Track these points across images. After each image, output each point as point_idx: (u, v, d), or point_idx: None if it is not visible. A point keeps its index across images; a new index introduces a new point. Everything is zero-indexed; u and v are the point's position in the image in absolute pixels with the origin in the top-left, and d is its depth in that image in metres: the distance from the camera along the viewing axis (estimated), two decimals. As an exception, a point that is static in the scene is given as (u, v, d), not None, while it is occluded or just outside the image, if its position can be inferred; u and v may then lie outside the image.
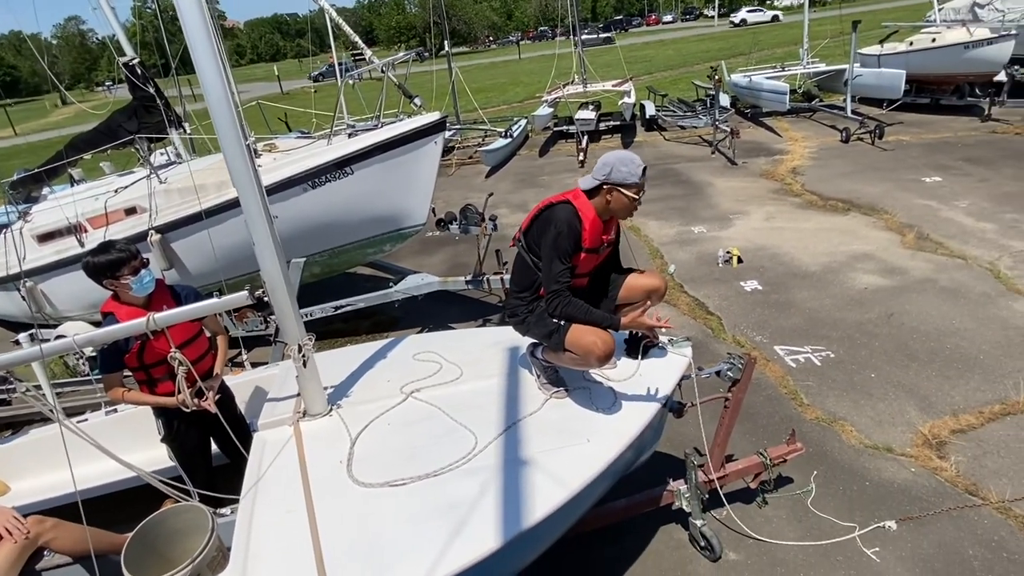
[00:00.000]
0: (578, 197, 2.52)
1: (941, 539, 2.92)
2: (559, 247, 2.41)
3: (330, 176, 4.51)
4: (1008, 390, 3.86)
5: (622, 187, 2.48)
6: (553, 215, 2.47)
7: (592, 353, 2.30)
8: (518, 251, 2.63)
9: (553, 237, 2.40)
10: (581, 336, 2.34)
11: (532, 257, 2.54)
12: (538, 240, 2.49)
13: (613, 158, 2.52)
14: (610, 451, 2.15)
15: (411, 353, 2.95)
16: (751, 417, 3.89)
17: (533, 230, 2.54)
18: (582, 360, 2.37)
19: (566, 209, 2.48)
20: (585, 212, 2.50)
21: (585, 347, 2.32)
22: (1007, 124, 9.98)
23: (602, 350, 2.29)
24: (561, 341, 2.38)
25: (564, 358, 2.45)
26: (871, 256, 6.00)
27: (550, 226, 2.43)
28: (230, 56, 6.07)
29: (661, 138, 12.70)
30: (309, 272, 5.38)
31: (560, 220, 2.43)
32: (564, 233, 2.41)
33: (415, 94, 4.59)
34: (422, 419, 2.40)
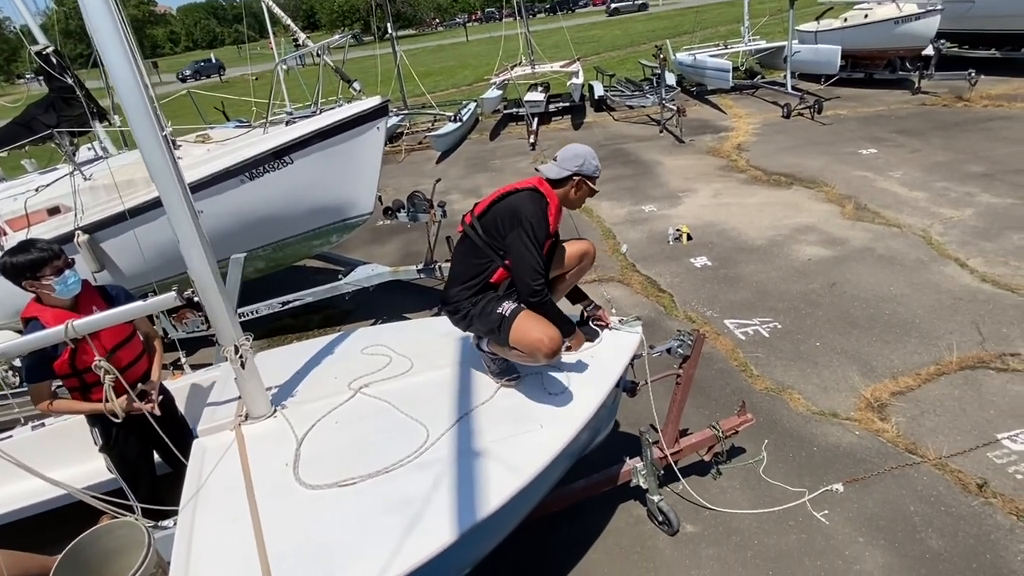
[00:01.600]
0: (542, 184, 2.51)
1: (885, 498, 3.05)
2: (538, 237, 2.38)
3: (268, 166, 4.32)
4: (942, 351, 4.04)
5: (590, 179, 2.56)
6: (523, 204, 2.41)
7: (539, 350, 2.25)
8: (465, 236, 2.55)
9: (531, 227, 2.35)
10: (527, 332, 2.28)
11: (488, 243, 2.44)
12: (504, 228, 2.41)
13: (583, 150, 2.57)
14: (563, 435, 2.14)
15: (360, 347, 2.86)
16: (703, 391, 3.96)
17: (494, 217, 2.45)
18: (528, 357, 2.33)
19: (536, 198, 2.45)
20: (552, 200, 2.51)
21: (531, 344, 2.26)
22: (935, 96, 10.41)
23: (548, 347, 2.25)
24: (506, 338, 2.32)
25: (510, 354, 2.40)
26: (813, 228, 6.18)
27: (522, 215, 2.36)
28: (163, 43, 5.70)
29: (610, 118, 12.74)
30: (253, 267, 5.18)
31: (534, 210, 2.39)
32: (541, 223, 2.39)
33: (354, 78, 4.43)
34: (371, 415, 2.34)
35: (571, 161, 2.52)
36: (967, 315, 4.39)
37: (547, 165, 2.59)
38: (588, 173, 2.52)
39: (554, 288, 2.78)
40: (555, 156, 2.62)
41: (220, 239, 4.65)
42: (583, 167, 2.51)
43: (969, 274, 4.93)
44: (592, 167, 2.53)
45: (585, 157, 2.52)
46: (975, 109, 9.48)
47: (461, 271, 2.52)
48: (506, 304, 2.38)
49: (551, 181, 2.53)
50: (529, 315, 2.34)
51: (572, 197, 2.57)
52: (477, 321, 2.43)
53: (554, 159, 2.60)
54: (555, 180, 2.53)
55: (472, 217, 2.54)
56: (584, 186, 2.55)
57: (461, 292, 2.48)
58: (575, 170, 2.50)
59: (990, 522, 2.84)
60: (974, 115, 9.21)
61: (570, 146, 2.59)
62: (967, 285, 4.78)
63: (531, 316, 2.34)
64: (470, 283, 2.48)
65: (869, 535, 2.86)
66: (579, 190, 2.56)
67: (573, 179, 2.52)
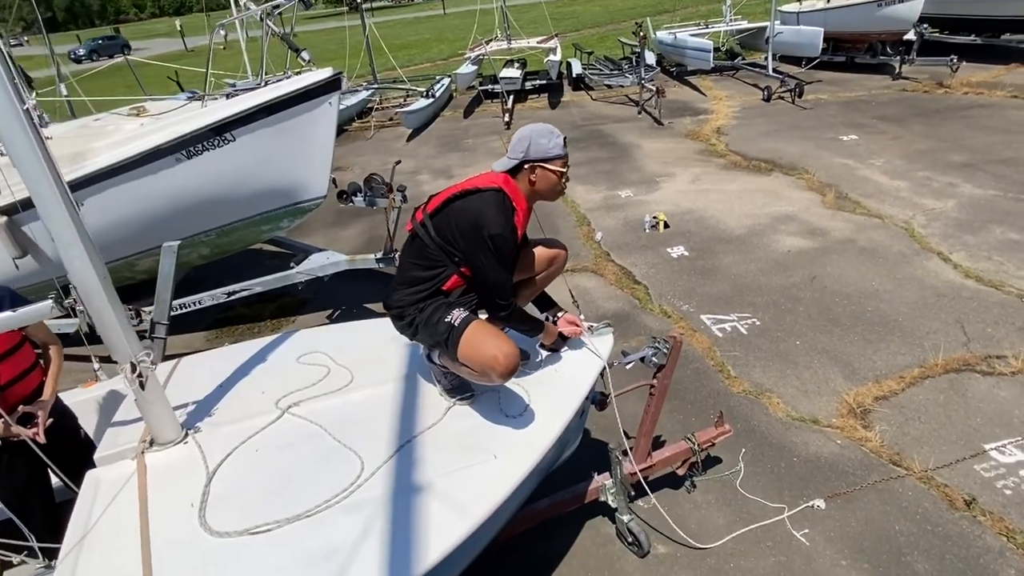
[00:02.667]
0: (508, 183, 2.17)
1: (868, 515, 2.84)
2: (506, 255, 2.08)
3: (207, 144, 3.89)
4: (926, 352, 3.85)
5: (544, 163, 2.17)
6: (487, 212, 2.05)
7: (492, 369, 1.94)
8: (414, 236, 2.19)
9: (498, 245, 2.03)
10: (479, 348, 1.96)
11: (441, 246, 2.10)
12: (463, 237, 2.07)
13: (528, 131, 2.18)
14: (519, 469, 1.85)
15: (296, 355, 2.53)
16: (678, 393, 3.72)
17: (450, 218, 2.10)
18: (480, 376, 2.02)
19: (501, 203, 2.10)
20: (518, 201, 2.17)
21: (483, 362, 1.95)
22: (916, 82, 10.26)
23: (503, 366, 1.92)
24: (454, 353, 2.01)
25: (461, 370, 2.09)
26: (793, 217, 5.97)
27: (486, 230, 2.02)
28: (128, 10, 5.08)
29: (588, 97, 12.38)
30: (197, 254, 4.78)
31: (500, 221, 2.04)
32: (508, 238, 2.07)
33: (303, 47, 4.00)
34: (299, 440, 2.02)
35: (516, 147, 2.17)
36: (951, 313, 4.22)
37: (500, 160, 2.25)
38: (538, 156, 2.15)
39: (519, 292, 2.47)
40: None
41: (155, 225, 4.24)
42: (529, 150, 2.14)
43: (952, 269, 4.76)
44: (542, 147, 2.14)
45: (531, 138, 2.14)
46: (955, 96, 9.35)
47: (408, 274, 2.18)
48: (455, 312, 2.06)
49: (508, 175, 2.20)
50: (481, 327, 2.04)
51: (535, 188, 2.22)
52: (423, 330, 2.11)
53: None
54: (508, 172, 2.20)
55: (424, 214, 2.17)
56: (542, 171, 2.18)
57: (407, 296, 2.15)
58: (522, 155, 2.15)
59: (979, 544, 2.65)
60: (955, 102, 9.07)
61: (519, 130, 2.23)
62: (951, 281, 4.60)
63: (484, 328, 2.03)
64: (418, 288, 2.15)
65: (852, 558, 2.65)
66: (538, 178, 2.19)
67: (524, 168, 2.17)
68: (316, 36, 26.98)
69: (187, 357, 2.78)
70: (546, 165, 2.17)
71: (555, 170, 2.19)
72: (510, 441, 1.97)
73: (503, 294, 2.15)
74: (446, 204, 2.13)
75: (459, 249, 2.08)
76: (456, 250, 2.09)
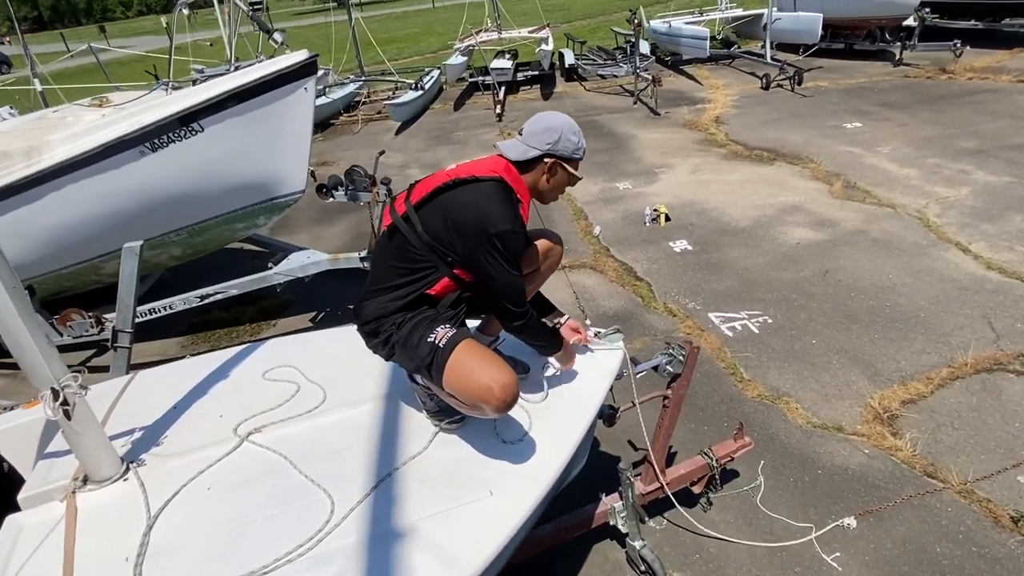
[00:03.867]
0: (509, 171, 1.86)
1: (905, 535, 2.57)
2: (515, 250, 1.76)
3: (174, 135, 3.56)
4: (953, 351, 3.59)
5: (568, 162, 1.89)
6: (490, 207, 1.74)
7: (485, 403, 1.61)
8: (394, 230, 1.85)
9: (506, 239, 1.72)
10: (470, 376, 1.63)
11: (431, 244, 1.77)
12: (460, 233, 1.74)
13: (559, 121, 1.87)
14: (521, 506, 1.56)
15: (262, 370, 2.22)
16: (688, 399, 3.43)
17: (443, 211, 1.77)
18: (471, 409, 1.70)
19: (504, 195, 1.79)
20: (521, 193, 1.87)
21: (474, 394, 1.62)
22: (918, 68, 10.00)
23: (499, 399, 1.60)
24: (440, 380, 1.69)
25: (449, 399, 1.78)
26: (800, 208, 5.69)
27: (491, 228, 1.71)
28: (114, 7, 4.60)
29: (582, 88, 12.06)
30: (168, 255, 4.45)
31: (506, 216, 1.74)
32: (517, 236, 1.76)
33: (275, 28, 3.66)
34: (260, 475, 1.71)
35: (541, 136, 1.85)
36: (976, 308, 3.95)
37: (510, 141, 1.93)
38: (565, 154, 1.87)
39: None
40: (521, 129, 1.95)
41: (121, 224, 3.90)
42: (558, 145, 1.84)
43: (973, 260, 4.49)
44: (572, 144, 1.87)
45: (562, 131, 1.85)
46: (960, 82, 9.09)
47: (385, 278, 1.83)
48: (440, 330, 1.72)
49: (516, 164, 1.88)
50: (472, 349, 1.70)
51: (544, 186, 1.92)
52: (401, 352, 1.78)
53: (519, 133, 1.94)
54: (520, 163, 1.87)
55: (407, 205, 1.83)
56: (560, 171, 1.90)
57: (383, 306, 1.81)
58: (547, 149, 1.84)
59: (1032, 567, 2.38)
60: (960, 88, 8.82)
61: (541, 115, 1.92)
62: (972, 273, 4.34)
63: (475, 351, 1.70)
64: (397, 294, 1.80)
65: (891, 586, 2.38)
66: (553, 176, 1.90)
67: (544, 161, 1.86)
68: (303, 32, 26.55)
69: (143, 372, 2.47)
70: (567, 165, 1.91)
71: (572, 173, 1.94)
72: (509, 473, 1.67)
73: (517, 300, 1.83)
74: (435, 195, 1.80)
75: (455, 249, 1.77)
76: (450, 250, 1.77)
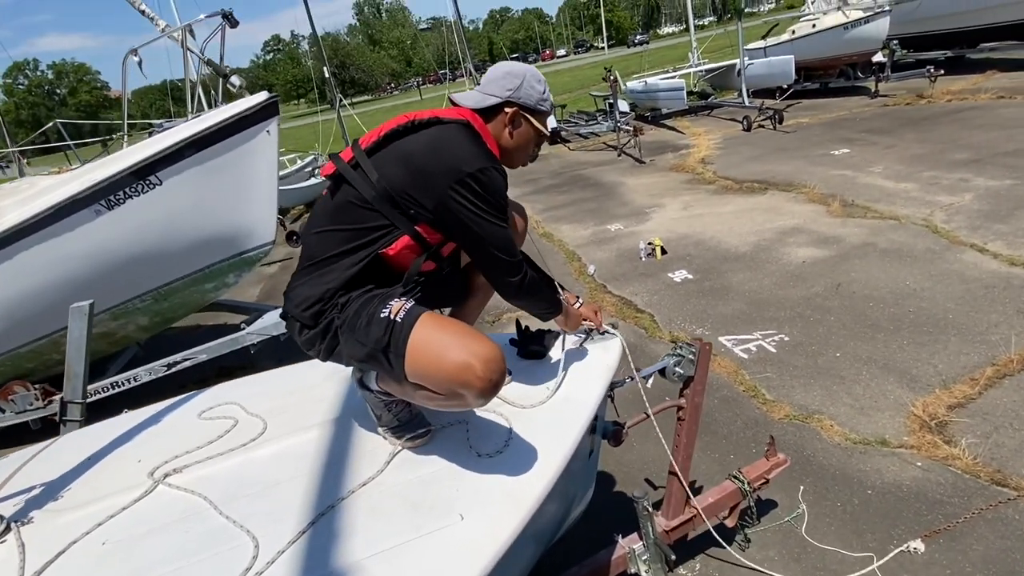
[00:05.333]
0: (475, 119, 1.57)
1: (986, 554, 2.13)
2: (497, 192, 1.47)
3: (130, 190, 3.38)
4: (995, 348, 3.23)
5: (532, 113, 1.63)
6: (455, 142, 1.46)
7: (467, 384, 1.25)
8: (340, 182, 1.50)
9: (485, 178, 1.43)
10: (441, 353, 1.28)
11: (387, 193, 1.43)
12: (427, 177, 1.43)
13: (521, 68, 1.62)
14: (500, 534, 1.19)
15: (199, 411, 1.88)
16: (707, 427, 3.05)
17: (403, 154, 1.46)
18: (447, 399, 1.34)
19: (473, 137, 1.51)
20: (490, 142, 1.58)
21: (451, 376, 1.27)
22: (895, 97, 10.10)
23: (483, 377, 1.25)
24: (400, 366, 1.32)
25: (416, 395, 1.40)
26: (800, 229, 5.46)
27: (461, 159, 1.43)
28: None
29: (566, 149, 12.22)
30: (135, 325, 4.16)
31: (479, 151, 1.47)
32: (498, 168, 1.50)
33: (231, 71, 3.56)
34: (173, 522, 1.35)
35: (501, 82, 1.58)
36: (1008, 304, 3.61)
37: (467, 92, 1.67)
38: (529, 103, 1.60)
39: (472, 288, 1.86)
40: None
41: (79, 292, 3.63)
42: (520, 91, 1.58)
43: (993, 259, 4.20)
44: (537, 93, 1.61)
45: (524, 76, 1.59)
46: (939, 104, 9.13)
47: (324, 245, 1.46)
48: (395, 304, 1.37)
49: (479, 113, 1.60)
50: (438, 320, 1.37)
51: (508, 142, 1.63)
52: (347, 339, 1.40)
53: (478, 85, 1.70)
54: (482, 111, 1.60)
55: (356, 151, 1.49)
56: (524, 123, 1.62)
57: (323, 283, 1.42)
58: (508, 96, 1.57)
59: None
60: (940, 109, 8.85)
61: (501, 63, 1.68)
62: (995, 271, 4.03)
63: (442, 322, 1.37)
64: (341, 263, 1.43)
65: (984, 619, 1.92)
66: (517, 129, 1.62)
67: (504, 111, 1.59)
68: (297, 131, 27.76)
69: (72, 433, 2.14)
70: (532, 117, 1.63)
71: (539, 127, 1.66)
72: (484, 493, 1.31)
73: (509, 250, 1.52)
74: (389, 139, 1.49)
75: (421, 202, 1.44)
76: (413, 202, 1.45)
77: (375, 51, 73.29)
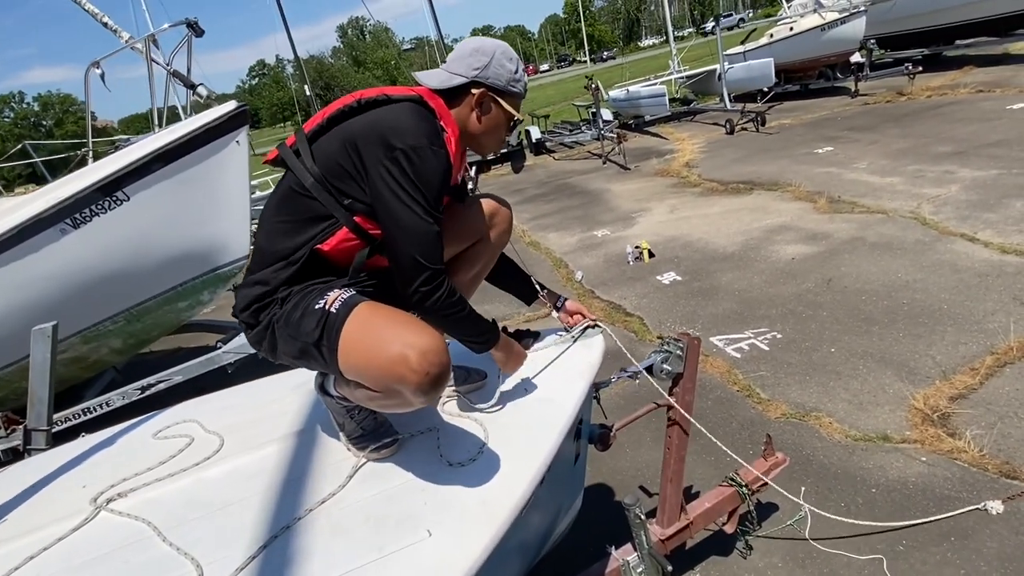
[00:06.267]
0: (433, 97, 1.42)
1: (1000, 551, 2.02)
2: (428, 177, 1.29)
3: (96, 207, 3.25)
4: (993, 336, 3.14)
5: (502, 95, 1.47)
6: (396, 118, 1.31)
7: (403, 381, 1.13)
8: (286, 173, 1.40)
9: (416, 158, 1.27)
10: (375, 345, 1.16)
11: (325, 182, 1.32)
12: (360, 153, 1.29)
13: (490, 45, 1.47)
14: (472, 549, 1.06)
15: (154, 431, 1.75)
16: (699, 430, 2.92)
17: (342, 138, 1.33)
18: (385, 397, 1.22)
19: (419, 112, 1.35)
20: (448, 123, 1.41)
21: (385, 371, 1.14)
22: (876, 95, 10.16)
23: (419, 369, 1.11)
24: (334, 359, 1.21)
25: (359, 396, 1.29)
26: (788, 227, 5.40)
27: (395, 133, 1.27)
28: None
29: (551, 159, 12.20)
30: (108, 348, 4.01)
31: (420, 128, 1.30)
32: (437, 150, 1.31)
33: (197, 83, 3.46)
34: (111, 552, 1.22)
35: (467, 60, 1.43)
36: (1003, 291, 3.54)
37: (432, 72, 1.49)
38: (499, 84, 1.44)
39: (454, 277, 1.73)
40: None
41: (47, 315, 3.48)
42: (488, 70, 1.42)
43: (984, 247, 4.14)
44: (507, 72, 1.45)
45: (493, 54, 1.44)
46: (919, 100, 9.18)
47: (270, 239, 1.36)
48: (333, 294, 1.27)
49: (441, 94, 1.44)
50: (376, 310, 1.24)
51: (476, 127, 1.48)
52: (282, 333, 1.29)
53: None
54: (443, 92, 1.44)
55: (299, 135, 1.39)
56: (494, 107, 1.47)
57: (267, 278, 1.33)
58: (475, 76, 1.42)
59: None
60: (921, 105, 8.88)
61: (469, 39, 1.53)
62: (988, 259, 3.97)
63: (380, 312, 1.24)
64: (283, 257, 1.32)
65: (1003, 621, 1.80)
66: (486, 114, 1.47)
67: (472, 92, 1.44)
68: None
69: (20, 462, 2.00)
70: (502, 100, 1.47)
71: (509, 111, 1.49)
72: (456, 507, 1.18)
73: (429, 251, 1.29)
74: (334, 120, 1.35)
75: (358, 186, 1.31)
76: (349, 189, 1.32)
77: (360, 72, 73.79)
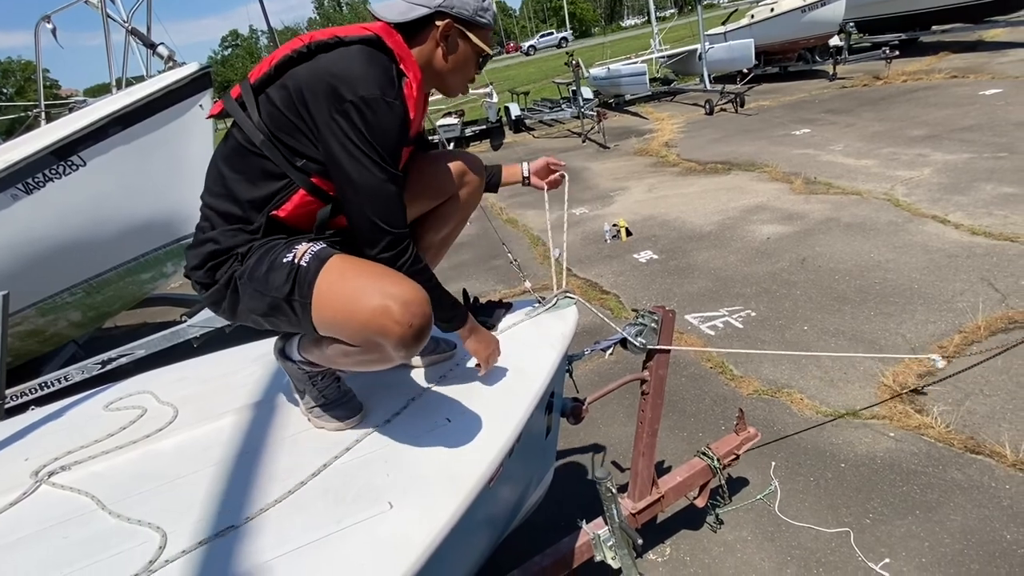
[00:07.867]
0: (391, 34, 1.28)
1: (964, 525, 2.05)
2: (383, 131, 1.18)
3: (50, 172, 3.09)
4: (961, 316, 3.18)
5: (468, 27, 1.33)
6: (349, 65, 1.18)
7: (385, 333, 1.08)
8: (232, 128, 1.29)
9: (369, 110, 1.16)
10: (354, 298, 1.10)
11: (273, 138, 1.21)
12: (310, 107, 1.18)
13: None
14: (434, 523, 1.02)
15: (105, 403, 1.66)
16: (674, 405, 2.93)
17: (289, 88, 1.20)
18: (366, 354, 1.17)
19: (372, 58, 1.21)
20: (408, 66, 1.29)
21: (366, 324, 1.09)
22: (853, 79, 10.20)
23: (402, 320, 1.06)
24: (308, 316, 1.15)
25: (329, 353, 1.24)
26: (764, 207, 5.41)
27: (346, 83, 1.16)
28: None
29: (531, 137, 12.06)
30: (67, 321, 3.85)
31: (371, 75, 1.18)
32: (391, 101, 1.19)
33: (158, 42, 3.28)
34: (51, 526, 1.15)
35: None
36: (972, 272, 3.59)
37: (389, 2, 1.33)
38: (465, 14, 1.31)
39: (421, 240, 1.64)
40: None
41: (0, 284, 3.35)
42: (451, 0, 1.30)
43: (955, 229, 4.19)
44: (474, 2, 1.32)
45: None
46: (896, 85, 9.25)
47: (219, 198, 1.26)
48: (300, 248, 1.19)
49: (400, 28, 1.31)
50: (350, 261, 1.18)
51: (441, 64, 1.36)
52: (246, 288, 1.21)
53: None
54: (403, 26, 1.30)
55: (243, 85, 1.27)
56: (461, 42, 1.35)
57: (220, 239, 1.24)
58: (438, 6, 1.29)
59: None
60: (897, 89, 8.95)
61: None
62: (957, 240, 4.01)
63: (354, 263, 1.18)
64: (240, 222, 1.24)
65: (965, 592, 1.83)
66: (452, 50, 1.35)
67: (435, 24, 1.31)
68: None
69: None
70: (469, 32, 1.34)
71: (478, 45, 1.37)
72: (419, 479, 1.13)
73: (388, 212, 1.21)
74: (282, 68, 1.22)
75: (311, 144, 1.22)
76: (301, 143, 1.22)
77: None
